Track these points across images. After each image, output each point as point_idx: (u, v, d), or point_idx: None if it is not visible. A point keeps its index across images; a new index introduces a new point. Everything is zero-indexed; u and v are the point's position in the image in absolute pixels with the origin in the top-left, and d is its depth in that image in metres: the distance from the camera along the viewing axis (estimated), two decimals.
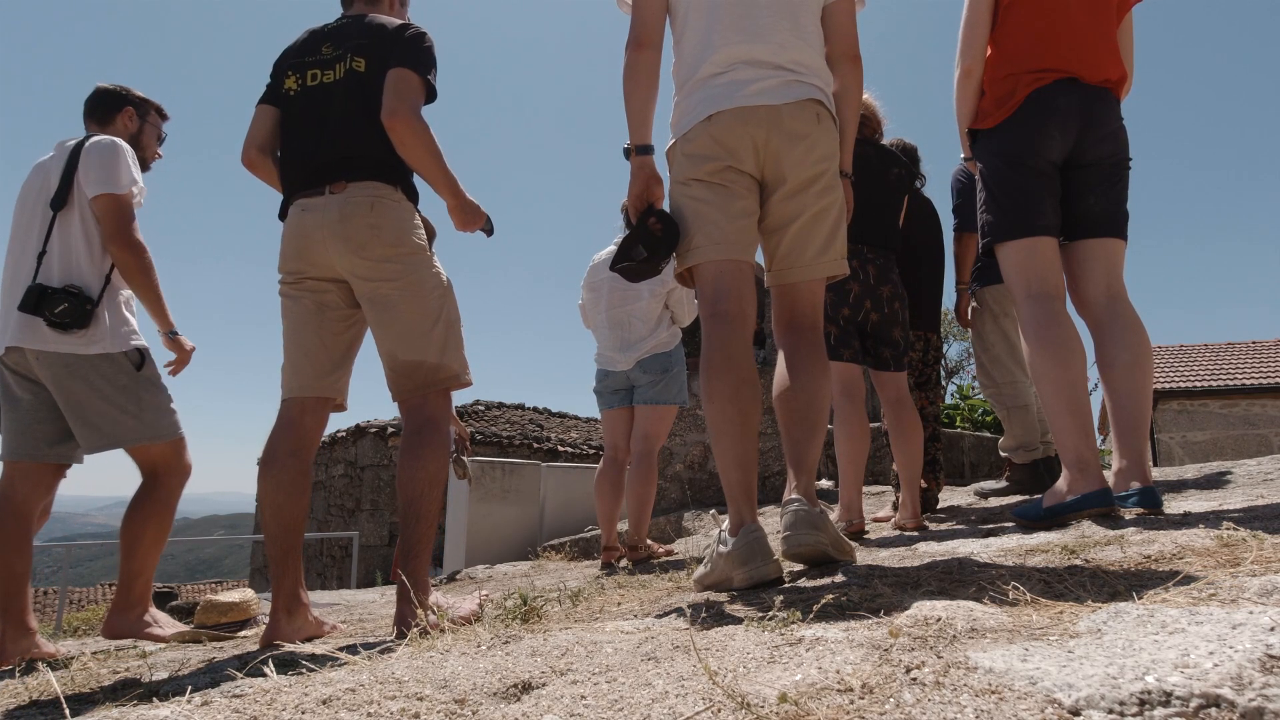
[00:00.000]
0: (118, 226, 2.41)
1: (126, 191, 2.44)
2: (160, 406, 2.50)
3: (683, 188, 1.89)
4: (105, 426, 2.41)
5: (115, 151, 2.46)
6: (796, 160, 1.83)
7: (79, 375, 2.38)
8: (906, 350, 3.00)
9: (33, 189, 2.53)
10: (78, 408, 2.40)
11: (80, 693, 1.60)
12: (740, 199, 1.85)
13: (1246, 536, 1.40)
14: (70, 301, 2.33)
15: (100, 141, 2.48)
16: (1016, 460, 3.71)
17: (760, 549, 1.65)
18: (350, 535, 10.29)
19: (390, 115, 1.98)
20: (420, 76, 2.04)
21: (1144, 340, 2.21)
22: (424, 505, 1.97)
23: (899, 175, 3.00)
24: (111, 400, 2.40)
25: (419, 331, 2.05)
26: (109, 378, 2.41)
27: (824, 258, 1.90)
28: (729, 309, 1.81)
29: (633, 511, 3.51)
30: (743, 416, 1.75)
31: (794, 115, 1.82)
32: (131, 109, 2.68)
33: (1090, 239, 2.26)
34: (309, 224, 2.04)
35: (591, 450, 14.61)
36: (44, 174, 2.52)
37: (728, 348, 1.78)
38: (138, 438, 2.44)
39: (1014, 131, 2.25)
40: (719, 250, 1.82)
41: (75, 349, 2.37)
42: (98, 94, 2.67)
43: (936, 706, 0.69)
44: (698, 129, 1.84)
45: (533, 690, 0.92)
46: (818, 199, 1.87)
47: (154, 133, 2.74)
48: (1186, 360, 15.92)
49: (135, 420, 2.43)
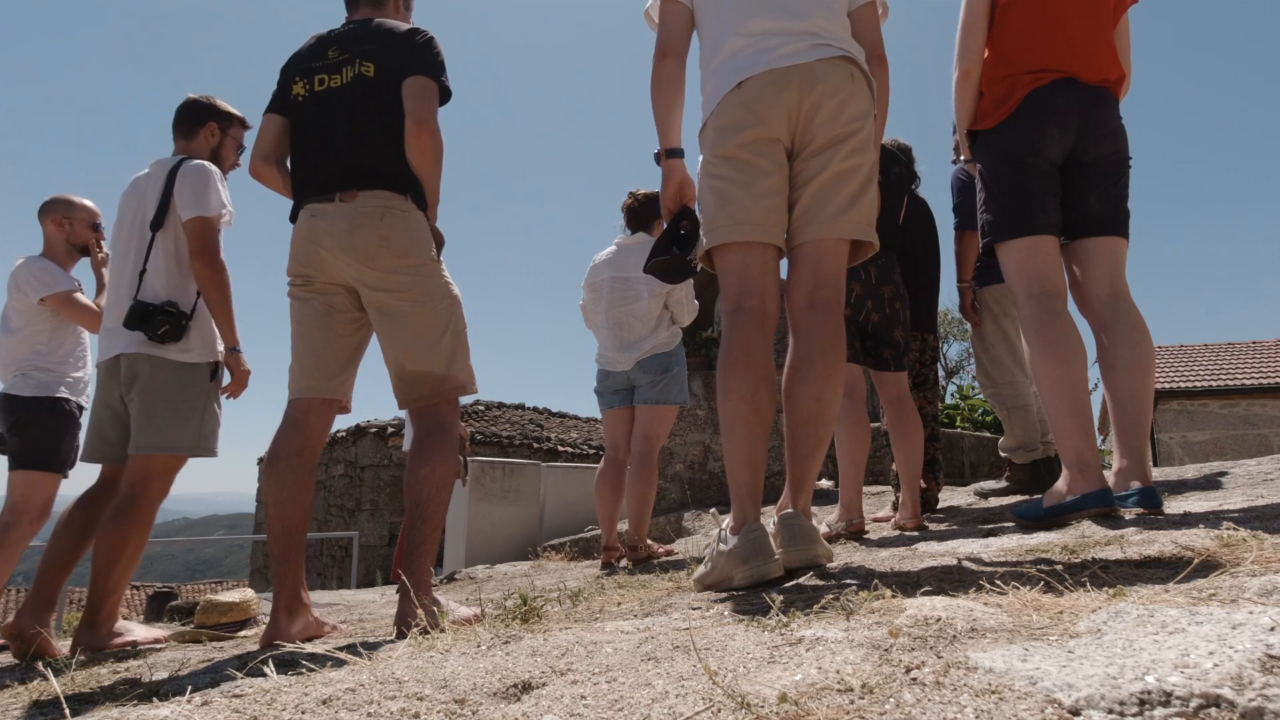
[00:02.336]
0: (203, 246, 2.55)
1: (215, 214, 2.59)
2: (215, 421, 2.64)
3: (709, 168, 1.84)
4: (170, 429, 2.51)
5: (206, 176, 2.61)
6: (827, 117, 1.77)
7: (164, 377, 2.52)
8: (907, 350, 3.00)
9: (130, 205, 2.69)
10: (151, 406, 2.51)
11: (80, 693, 1.60)
12: (768, 176, 1.78)
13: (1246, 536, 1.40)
14: (170, 321, 2.51)
15: (192, 166, 2.63)
16: (1016, 460, 3.70)
17: (762, 548, 1.65)
18: (350, 535, 10.28)
19: (420, 123, 2.01)
20: (437, 82, 2.07)
21: (1146, 340, 2.20)
22: (431, 507, 1.98)
23: (899, 174, 3.01)
24: (181, 407, 2.53)
25: (427, 342, 2.05)
26: (188, 384, 2.56)
27: (845, 217, 1.79)
28: (752, 304, 1.76)
29: (633, 511, 3.51)
30: (757, 416, 1.71)
31: (827, 71, 1.77)
32: (215, 124, 2.79)
33: (1092, 238, 2.26)
34: (319, 231, 2.05)
35: (591, 450, 14.61)
36: (140, 193, 2.68)
37: (748, 344, 1.73)
38: (194, 447, 2.56)
39: (1013, 131, 2.25)
40: (742, 231, 1.76)
41: (169, 355, 2.53)
42: (185, 107, 2.79)
43: (936, 706, 0.69)
44: (728, 99, 1.80)
45: (533, 690, 0.92)
46: (845, 158, 1.79)
47: (233, 145, 2.86)
48: (1186, 360, 15.92)
49: (196, 430, 2.56)
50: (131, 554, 2.48)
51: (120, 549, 2.44)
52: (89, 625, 2.42)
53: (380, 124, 2.05)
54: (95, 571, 2.44)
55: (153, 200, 2.62)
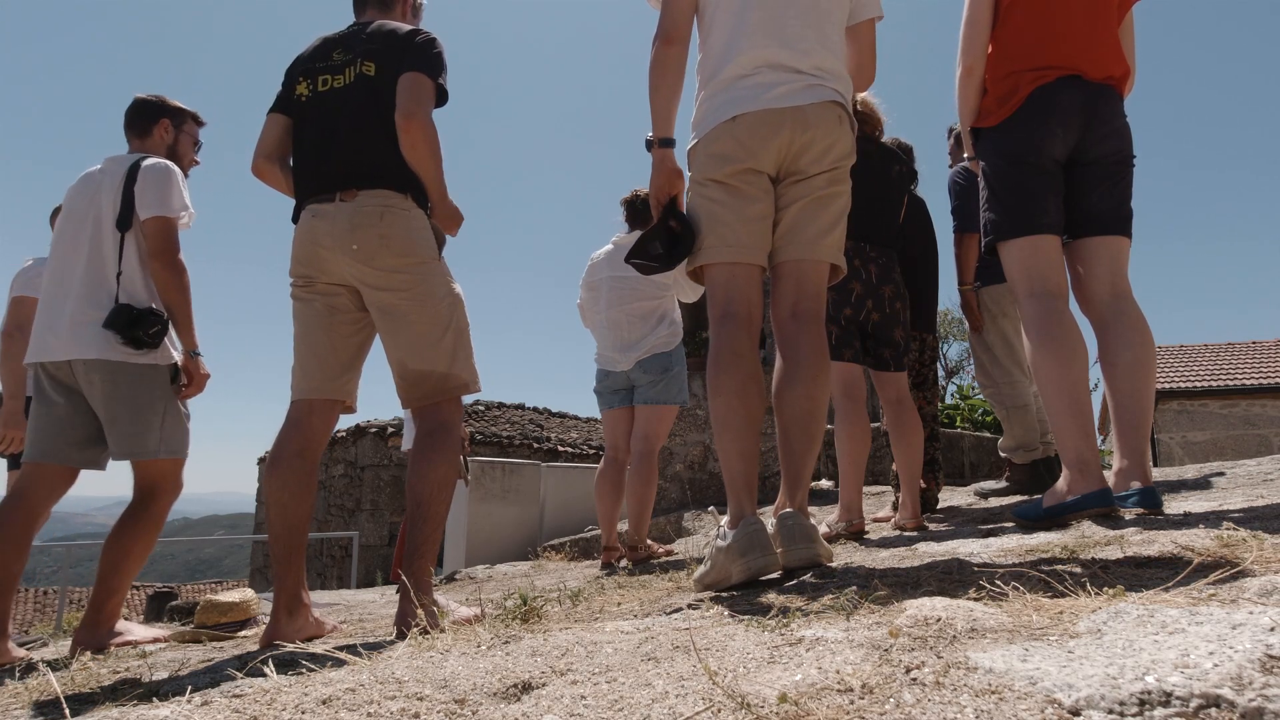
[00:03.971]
0: (164, 246, 2.51)
1: (176, 216, 2.53)
2: (180, 423, 2.58)
3: (700, 188, 1.93)
4: (134, 436, 2.46)
5: (169, 175, 2.56)
6: (815, 157, 1.89)
7: (124, 383, 2.46)
8: (907, 350, 3.00)
9: (82, 201, 2.60)
10: (115, 415, 2.46)
11: (80, 693, 1.60)
12: (756, 202, 1.89)
13: (1246, 536, 1.40)
14: (162, 325, 2.47)
15: (154, 164, 2.57)
16: (1016, 460, 3.70)
17: (759, 541, 1.65)
18: (350, 535, 10.28)
19: (408, 117, 2.01)
20: (433, 80, 2.06)
21: (1148, 340, 2.20)
22: (433, 507, 1.98)
23: (900, 173, 3.00)
24: (142, 411, 2.47)
25: (428, 341, 2.05)
26: (148, 388, 2.49)
27: (826, 240, 1.92)
28: (739, 311, 1.87)
29: (633, 512, 3.51)
30: (748, 410, 1.79)
31: (819, 115, 1.87)
32: (167, 120, 2.74)
33: (1094, 237, 2.25)
34: (320, 231, 2.05)
35: (591, 450, 14.61)
36: (94, 188, 2.59)
37: (735, 345, 1.83)
38: (156, 451, 2.49)
39: (1016, 129, 2.24)
40: (731, 253, 1.88)
41: (128, 357, 2.46)
42: (135, 106, 2.73)
43: (936, 706, 0.69)
44: (722, 129, 1.88)
45: (533, 690, 0.92)
46: (825, 185, 1.91)
47: (189, 141, 2.80)
48: (1186, 360, 15.92)
49: (158, 434, 2.50)
50: (139, 555, 2.49)
51: (129, 550, 2.45)
52: (90, 625, 2.42)
53: (381, 123, 2.06)
54: (102, 572, 2.44)
55: (113, 199, 2.54)
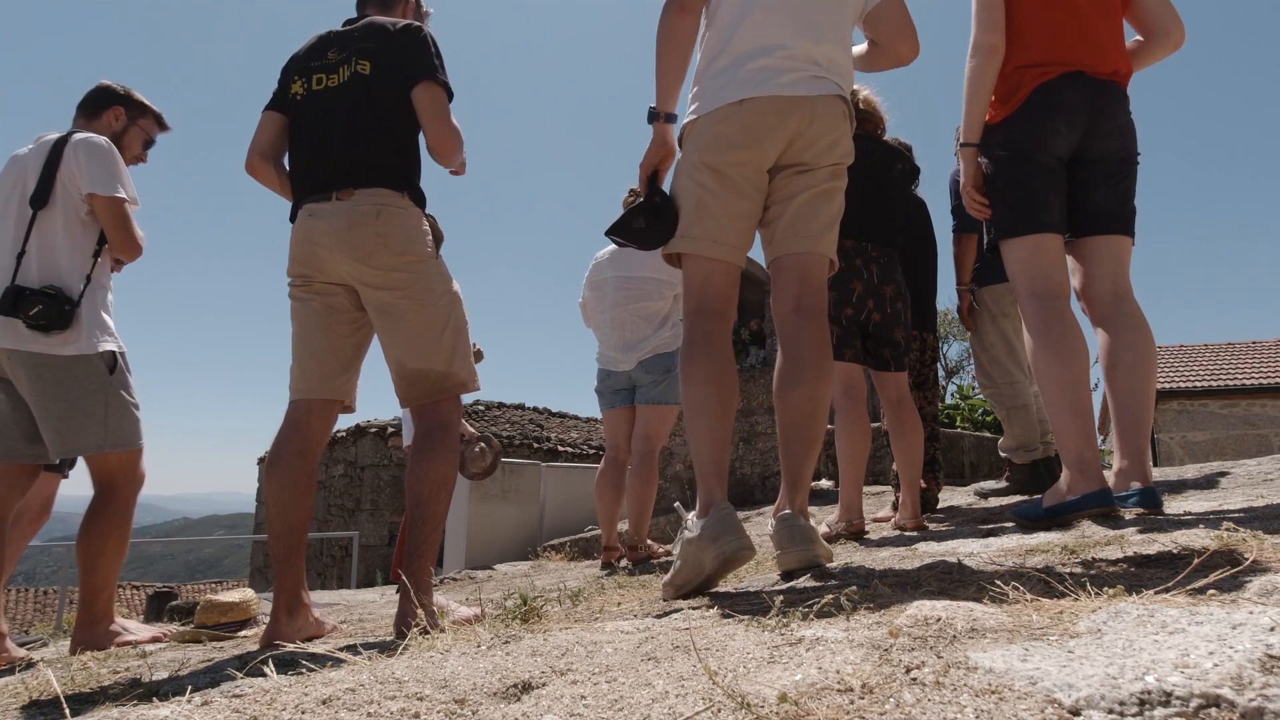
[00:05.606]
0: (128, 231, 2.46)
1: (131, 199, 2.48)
2: (126, 414, 2.45)
3: (693, 170, 1.87)
4: (70, 432, 2.37)
5: (111, 152, 2.48)
6: (820, 150, 1.87)
7: (49, 377, 2.35)
8: (907, 350, 3.00)
9: (7, 182, 2.50)
10: (45, 410, 2.37)
11: (80, 692, 1.60)
12: (746, 200, 1.86)
13: (1246, 536, 1.40)
14: (46, 303, 2.30)
15: (90, 139, 2.47)
16: (1016, 460, 3.70)
17: (731, 525, 1.60)
18: (350, 535, 10.28)
19: (440, 139, 2.06)
20: (441, 85, 2.08)
21: (1149, 340, 2.19)
22: (433, 507, 1.97)
23: (902, 171, 3.00)
24: (77, 405, 2.37)
25: (427, 340, 2.05)
26: (79, 380, 2.37)
27: (828, 235, 1.91)
28: (714, 307, 1.87)
29: (633, 512, 3.51)
30: (721, 397, 1.78)
31: (826, 108, 1.85)
32: (121, 108, 2.68)
33: (1097, 236, 2.24)
34: (316, 230, 2.04)
35: (591, 450, 14.60)
36: (21, 169, 2.49)
37: (710, 336, 1.83)
38: (100, 445, 2.40)
39: (1020, 126, 2.22)
40: (716, 249, 1.86)
41: (50, 349, 2.35)
42: (92, 90, 2.68)
43: (936, 706, 0.69)
44: (728, 110, 1.83)
45: (533, 690, 0.92)
46: (828, 179, 1.89)
47: (140, 136, 2.73)
48: (1186, 360, 15.92)
49: (100, 426, 2.39)
50: (113, 552, 2.44)
51: (101, 548, 2.41)
52: (86, 624, 2.42)
53: (377, 122, 2.06)
54: (80, 571, 2.42)
55: (33, 175, 2.43)
